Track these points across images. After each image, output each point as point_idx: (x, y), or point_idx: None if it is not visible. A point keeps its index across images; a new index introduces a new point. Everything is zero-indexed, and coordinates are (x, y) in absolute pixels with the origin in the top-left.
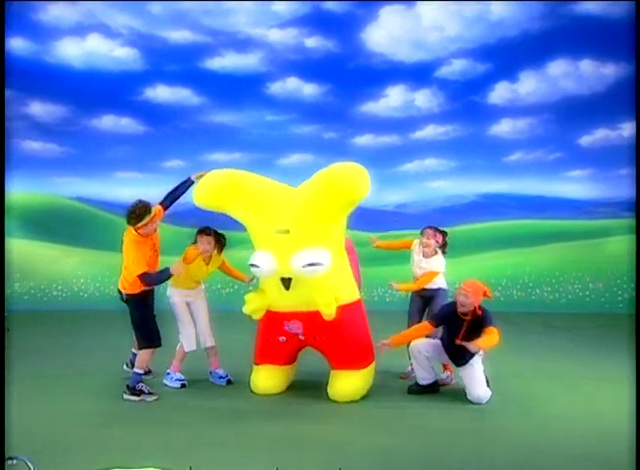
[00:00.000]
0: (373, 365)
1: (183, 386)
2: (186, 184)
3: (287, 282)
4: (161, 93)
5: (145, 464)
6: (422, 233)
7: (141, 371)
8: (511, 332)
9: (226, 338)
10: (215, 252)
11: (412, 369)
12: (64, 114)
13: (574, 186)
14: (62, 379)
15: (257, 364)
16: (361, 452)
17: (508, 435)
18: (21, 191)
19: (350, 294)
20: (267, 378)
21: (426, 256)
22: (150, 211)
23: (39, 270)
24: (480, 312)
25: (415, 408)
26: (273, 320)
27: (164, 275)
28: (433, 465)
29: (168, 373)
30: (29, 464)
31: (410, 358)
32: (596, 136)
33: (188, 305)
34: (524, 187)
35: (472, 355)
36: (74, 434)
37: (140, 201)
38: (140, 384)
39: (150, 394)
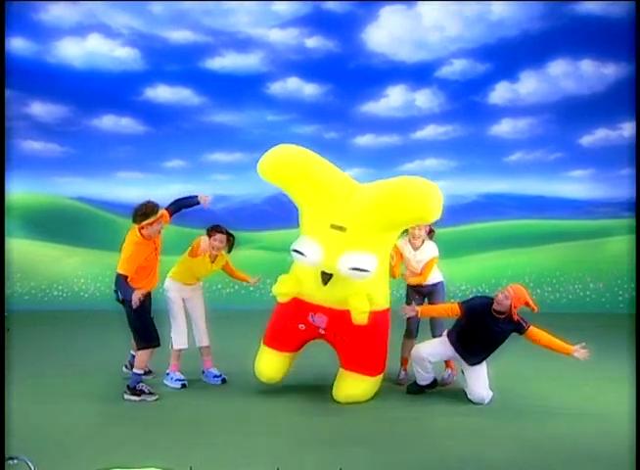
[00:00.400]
0: (381, 377)
1: (183, 386)
2: (191, 201)
3: (327, 277)
4: (162, 93)
5: (145, 464)
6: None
7: (140, 371)
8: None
9: (226, 338)
10: (223, 252)
11: (405, 374)
12: (64, 114)
13: (575, 186)
14: (62, 379)
15: (266, 345)
16: (362, 452)
17: (508, 435)
18: (21, 191)
19: (383, 302)
20: (273, 364)
21: (415, 248)
22: (156, 212)
23: (40, 270)
24: (516, 318)
25: (415, 408)
26: (298, 308)
27: (127, 293)
28: (433, 465)
29: (168, 373)
30: (30, 464)
31: (401, 364)
32: (596, 136)
33: (184, 301)
34: (524, 187)
35: (487, 356)
36: (75, 434)
37: (149, 201)
38: (140, 384)
39: (150, 394)
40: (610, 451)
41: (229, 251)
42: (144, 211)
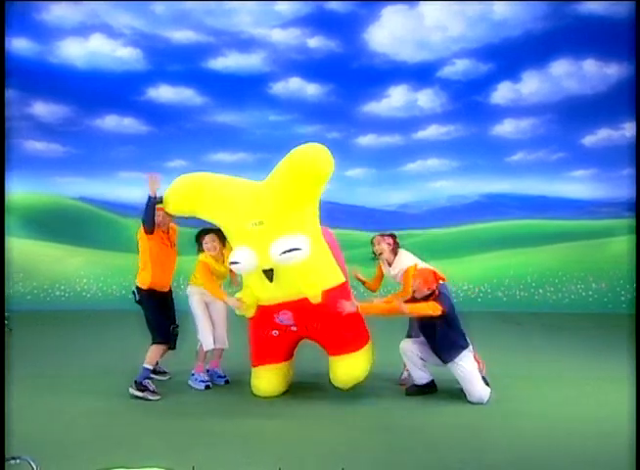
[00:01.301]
0: (370, 345)
1: (207, 387)
2: (150, 202)
3: (269, 273)
4: (164, 93)
5: (147, 464)
6: (372, 244)
7: (150, 367)
8: (513, 332)
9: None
10: (222, 248)
11: (408, 374)
12: (66, 114)
13: (577, 186)
14: (64, 379)
15: (255, 366)
16: (362, 453)
17: (509, 435)
18: (24, 191)
19: (335, 277)
20: (268, 380)
21: (389, 262)
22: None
23: (42, 270)
24: (437, 294)
25: (415, 409)
26: (263, 315)
27: (147, 202)
28: (433, 466)
29: (193, 374)
30: (32, 464)
31: (404, 365)
32: (599, 136)
33: (207, 305)
34: (526, 187)
35: (455, 350)
36: (77, 434)
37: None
38: (147, 381)
39: (153, 393)
40: (610, 452)
41: (224, 245)
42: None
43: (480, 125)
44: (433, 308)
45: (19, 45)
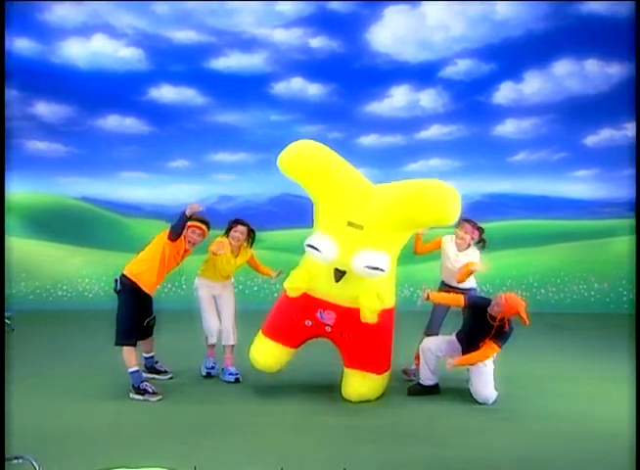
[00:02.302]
0: (388, 374)
1: (237, 380)
2: (182, 221)
3: (340, 274)
4: (166, 93)
5: (149, 464)
6: (458, 226)
7: (134, 368)
8: (515, 332)
9: (242, 338)
10: (245, 244)
11: (416, 368)
12: (69, 114)
13: (579, 186)
14: (66, 379)
15: (265, 336)
16: (364, 454)
17: (512, 435)
18: (26, 191)
19: (390, 301)
20: (269, 355)
21: (460, 249)
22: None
23: (44, 270)
24: (507, 326)
25: (419, 408)
26: (307, 303)
27: (181, 217)
28: (436, 466)
29: (223, 369)
30: (35, 464)
31: (415, 358)
32: (601, 136)
33: (215, 298)
34: (528, 187)
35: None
36: (78, 434)
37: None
38: (144, 383)
39: (154, 394)
40: (612, 452)
41: (250, 245)
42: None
43: (482, 125)
44: (457, 301)
45: (21, 45)
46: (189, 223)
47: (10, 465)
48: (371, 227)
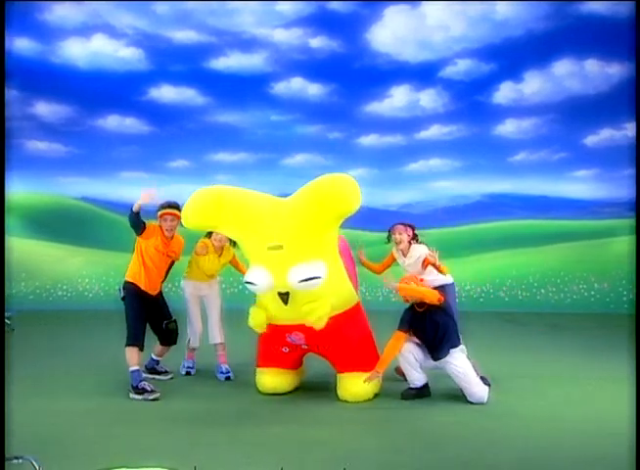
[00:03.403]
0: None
1: (228, 379)
2: (132, 217)
3: (285, 297)
4: (166, 93)
5: (149, 464)
6: (392, 231)
7: (135, 368)
8: (516, 332)
9: (230, 338)
10: (227, 244)
11: None
12: (69, 114)
13: (579, 186)
14: (66, 378)
15: (260, 367)
16: (364, 454)
17: (510, 435)
18: (26, 191)
19: (349, 300)
20: (273, 378)
21: (404, 254)
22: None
23: (44, 270)
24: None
25: (416, 409)
26: (275, 333)
27: (130, 215)
28: (434, 466)
29: (217, 366)
30: (35, 464)
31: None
32: (601, 136)
33: (202, 299)
34: (528, 187)
35: (449, 347)
36: (79, 433)
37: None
38: (142, 382)
39: (152, 392)
40: (611, 452)
41: (234, 244)
42: None
43: (483, 125)
44: (399, 341)
45: (21, 45)
46: (160, 212)
47: (10, 465)
48: (289, 243)
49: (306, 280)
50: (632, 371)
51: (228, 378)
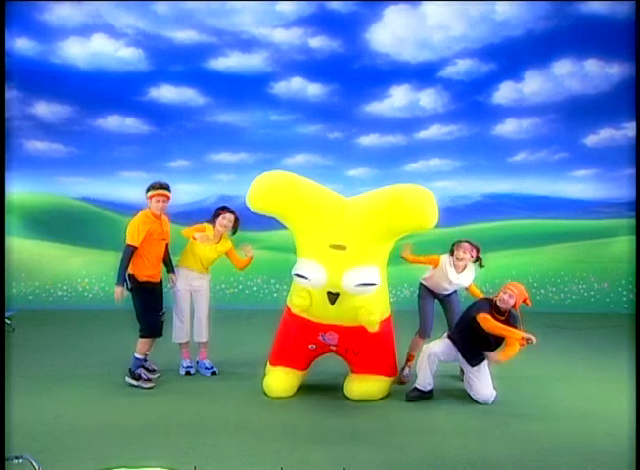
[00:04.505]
0: (393, 379)
1: (214, 374)
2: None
3: (333, 297)
4: (166, 93)
5: (149, 464)
6: (456, 246)
7: (141, 356)
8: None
9: (230, 338)
10: (226, 233)
11: (410, 371)
12: (69, 114)
13: (579, 186)
14: (66, 378)
15: (273, 365)
16: (366, 452)
17: (513, 435)
18: (26, 191)
19: (386, 310)
20: (283, 381)
21: (458, 270)
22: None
23: (44, 270)
24: (511, 315)
25: (419, 409)
26: (308, 329)
27: (121, 266)
28: (438, 466)
29: (198, 362)
30: (34, 463)
31: (407, 361)
32: (601, 136)
33: (191, 295)
34: (528, 187)
35: (483, 355)
36: (79, 433)
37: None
38: (141, 369)
39: (147, 380)
40: (611, 452)
41: (234, 232)
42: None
43: (482, 125)
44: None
45: (21, 45)
46: (150, 193)
47: (10, 465)
48: (354, 245)
49: (363, 285)
50: (632, 371)
51: (214, 373)
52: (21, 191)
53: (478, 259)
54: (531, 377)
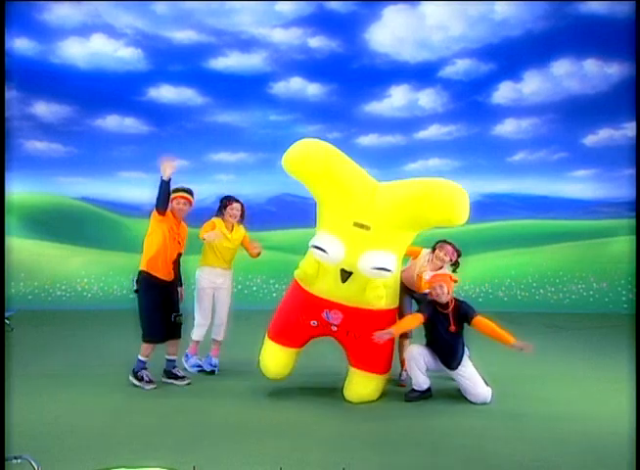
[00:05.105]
0: (388, 375)
1: (213, 372)
2: (163, 188)
3: (346, 275)
4: (166, 93)
5: (149, 464)
6: (439, 246)
7: (143, 359)
8: (514, 332)
9: (230, 338)
10: (236, 221)
11: (407, 374)
12: (68, 114)
13: (578, 186)
14: (65, 378)
15: (271, 339)
16: (366, 453)
17: (513, 435)
18: (25, 191)
19: (393, 300)
20: (280, 360)
21: (434, 269)
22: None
23: (43, 270)
24: (457, 304)
25: (419, 410)
26: (313, 304)
27: (160, 185)
28: (437, 466)
29: (186, 354)
30: (34, 463)
31: (402, 366)
32: (600, 136)
33: (214, 291)
34: (527, 187)
35: (462, 356)
36: (78, 433)
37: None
38: (144, 371)
39: (149, 382)
40: (611, 452)
41: (242, 220)
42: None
43: (482, 125)
44: (416, 320)
45: (20, 45)
46: (174, 195)
47: (9, 465)
48: (378, 227)
49: (380, 269)
50: (632, 371)
51: (213, 372)
52: (20, 191)
53: (455, 264)
54: (531, 377)
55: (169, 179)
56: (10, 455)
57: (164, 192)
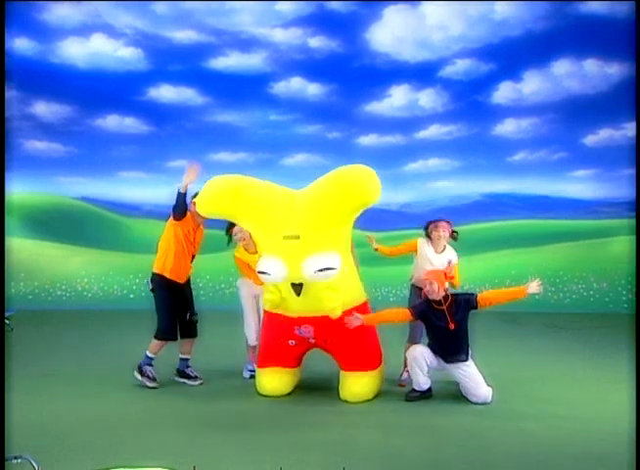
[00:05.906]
0: (382, 368)
1: (252, 377)
2: (179, 198)
3: (298, 288)
4: (166, 93)
5: (149, 464)
6: (433, 225)
7: (151, 355)
8: (515, 332)
9: (230, 338)
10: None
11: (408, 375)
12: (68, 114)
13: (579, 186)
14: (65, 378)
15: (261, 367)
16: (366, 454)
17: (511, 435)
18: (25, 191)
19: (358, 297)
20: (273, 379)
21: (438, 250)
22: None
23: (43, 270)
24: (453, 299)
25: (419, 410)
26: (283, 325)
27: (177, 196)
28: (437, 466)
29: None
30: (34, 463)
31: (404, 366)
32: (600, 136)
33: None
34: (528, 187)
35: (466, 352)
36: (78, 433)
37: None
38: (147, 367)
39: (151, 379)
40: (611, 452)
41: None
42: None
43: (482, 125)
44: (401, 315)
45: (20, 45)
46: (194, 200)
47: (9, 465)
48: (306, 233)
49: (322, 270)
50: (632, 371)
51: (252, 377)
52: (20, 191)
53: (454, 233)
54: (531, 377)
55: (185, 192)
56: (10, 455)
57: (181, 202)
